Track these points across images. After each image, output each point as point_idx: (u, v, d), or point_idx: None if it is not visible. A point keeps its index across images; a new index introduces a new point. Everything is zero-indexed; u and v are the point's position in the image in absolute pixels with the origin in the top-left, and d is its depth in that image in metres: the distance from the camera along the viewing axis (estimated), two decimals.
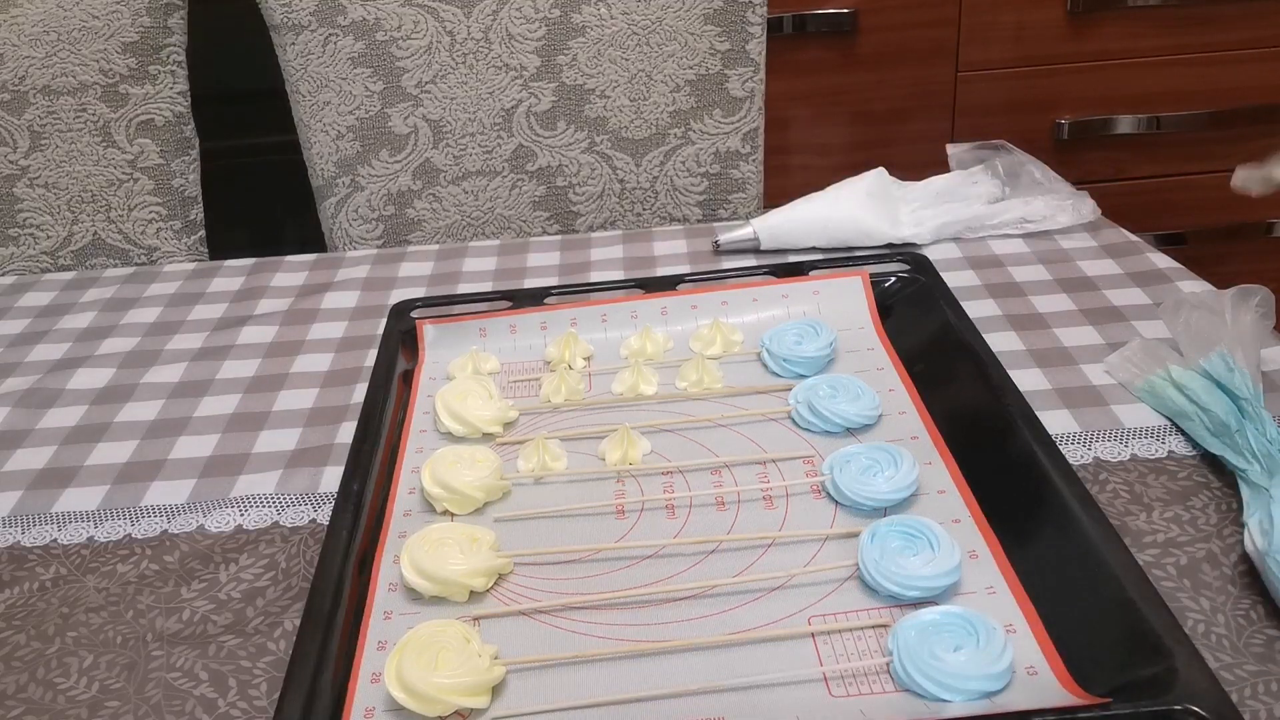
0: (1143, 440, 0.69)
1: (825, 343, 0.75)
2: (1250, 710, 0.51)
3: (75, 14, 1.14)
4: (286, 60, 1.19)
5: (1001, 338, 0.81)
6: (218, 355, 0.89)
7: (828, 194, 0.98)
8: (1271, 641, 0.54)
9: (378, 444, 0.70)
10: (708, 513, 0.63)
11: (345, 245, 1.24)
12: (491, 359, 0.79)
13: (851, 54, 1.63)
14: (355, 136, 1.19)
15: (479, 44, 1.17)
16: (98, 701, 0.57)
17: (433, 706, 0.51)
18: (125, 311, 0.98)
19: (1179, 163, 1.73)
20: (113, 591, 0.65)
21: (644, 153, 1.22)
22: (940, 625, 0.52)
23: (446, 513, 0.64)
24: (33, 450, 0.79)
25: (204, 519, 0.70)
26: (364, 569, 0.61)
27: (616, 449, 0.68)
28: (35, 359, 0.91)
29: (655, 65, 1.19)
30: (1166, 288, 0.86)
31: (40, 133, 1.16)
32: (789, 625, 0.55)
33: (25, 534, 0.70)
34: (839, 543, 0.60)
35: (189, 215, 1.21)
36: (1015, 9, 1.60)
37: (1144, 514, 0.63)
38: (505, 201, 1.23)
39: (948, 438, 0.66)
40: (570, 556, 0.61)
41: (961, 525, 0.59)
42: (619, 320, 0.81)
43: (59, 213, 1.18)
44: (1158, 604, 0.50)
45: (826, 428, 0.68)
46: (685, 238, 1.03)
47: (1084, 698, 0.48)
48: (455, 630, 0.54)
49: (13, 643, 0.62)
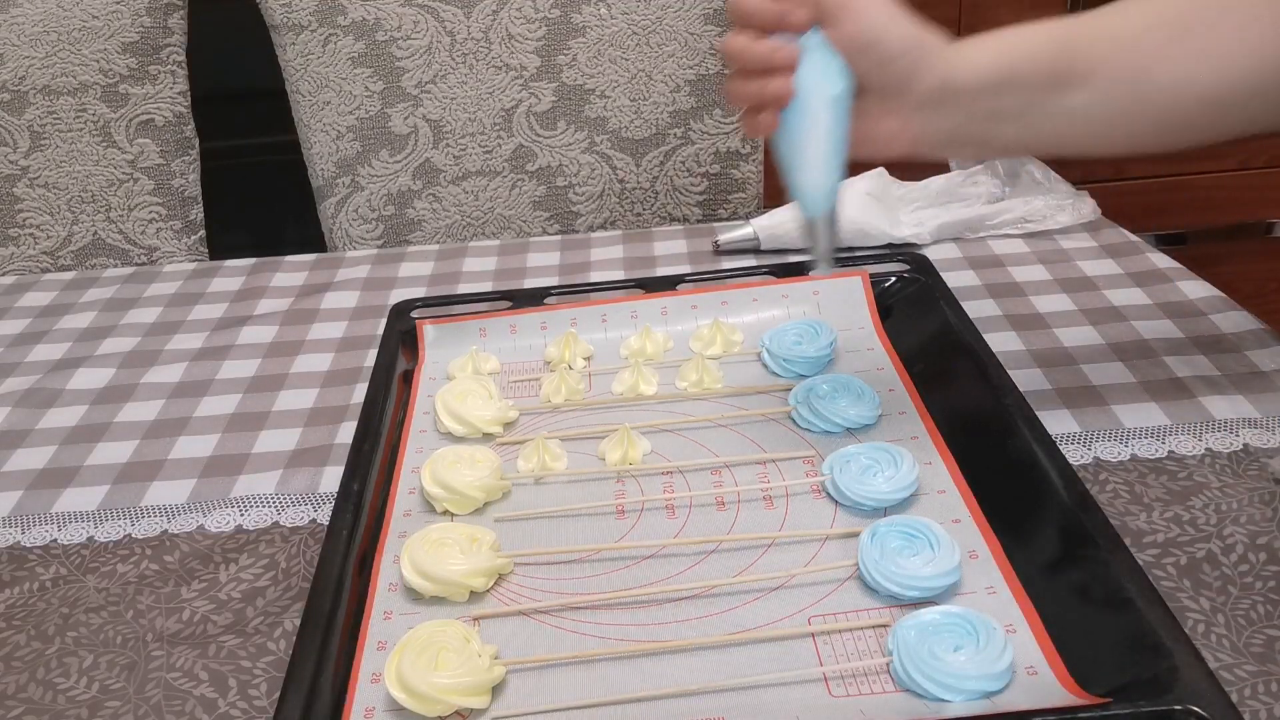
0: (1143, 440, 0.69)
1: (825, 343, 0.75)
2: (1250, 710, 0.51)
3: (75, 14, 1.14)
4: (286, 60, 1.19)
5: (1001, 338, 0.81)
6: (218, 355, 0.89)
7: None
8: (1271, 641, 0.54)
9: (378, 444, 0.70)
10: (708, 513, 0.63)
11: (345, 245, 1.24)
12: (491, 359, 0.79)
13: None
14: (355, 136, 1.19)
15: (479, 44, 1.17)
16: (98, 701, 0.57)
17: (433, 706, 0.51)
18: (125, 311, 0.98)
19: (1179, 163, 1.73)
20: (113, 591, 0.65)
21: (644, 153, 1.22)
22: (940, 625, 0.52)
23: (446, 513, 0.64)
24: (33, 450, 0.79)
25: (204, 519, 0.70)
26: (364, 569, 0.61)
27: (616, 449, 0.68)
28: (35, 359, 0.91)
29: (655, 65, 1.19)
30: (1166, 287, 0.86)
31: (40, 133, 1.16)
32: (789, 625, 0.55)
33: (25, 534, 0.70)
34: (839, 543, 0.60)
35: (189, 215, 1.21)
36: (1015, 9, 1.60)
37: (1144, 514, 0.63)
38: (505, 201, 1.23)
39: (948, 438, 0.66)
40: (570, 556, 0.61)
41: (961, 525, 0.59)
42: (619, 320, 0.81)
43: (59, 213, 1.18)
44: (1158, 604, 0.50)
45: (826, 428, 0.68)
46: (685, 238, 1.03)
47: (1084, 698, 0.48)
48: (455, 630, 0.54)
49: (13, 643, 0.62)
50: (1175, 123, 0.62)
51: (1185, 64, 0.60)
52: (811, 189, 0.61)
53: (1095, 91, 0.60)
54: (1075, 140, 0.63)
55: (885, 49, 0.58)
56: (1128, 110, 0.61)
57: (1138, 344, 0.79)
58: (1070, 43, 0.60)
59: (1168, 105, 0.61)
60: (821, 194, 0.61)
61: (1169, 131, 0.63)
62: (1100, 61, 0.60)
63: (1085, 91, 0.60)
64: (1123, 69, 0.60)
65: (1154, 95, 0.61)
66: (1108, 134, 0.63)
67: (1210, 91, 0.60)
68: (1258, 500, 0.63)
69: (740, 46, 0.59)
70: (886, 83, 0.59)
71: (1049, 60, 0.60)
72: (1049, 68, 0.60)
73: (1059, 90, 0.60)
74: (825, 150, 0.60)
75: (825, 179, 0.61)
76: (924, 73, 0.58)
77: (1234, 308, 0.83)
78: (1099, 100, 0.60)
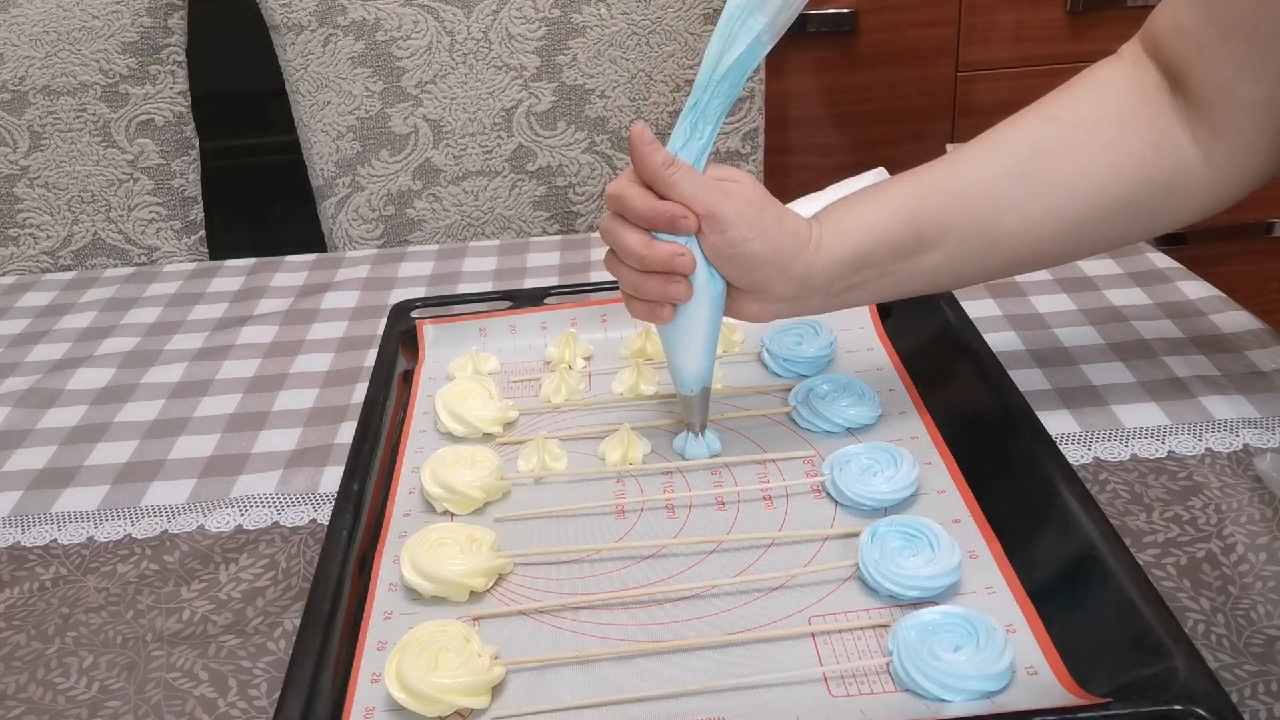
0: (1143, 440, 0.69)
1: (825, 343, 0.75)
2: (1250, 710, 0.51)
3: (75, 14, 1.14)
4: (286, 60, 1.19)
5: (1001, 338, 0.81)
6: (218, 355, 0.89)
7: (827, 194, 0.98)
8: (1271, 641, 0.54)
9: (378, 444, 0.70)
10: (708, 513, 0.63)
11: (345, 245, 1.24)
12: (491, 359, 0.79)
13: (851, 54, 1.63)
14: (355, 136, 1.20)
15: (479, 44, 1.17)
16: (98, 701, 0.57)
17: (433, 706, 0.51)
18: (125, 311, 0.98)
19: None
20: (113, 591, 0.65)
21: None
22: (940, 625, 0.52)
23: (446, 513, 0.64)
24: (33, 450, 0.79)
25: (204, 519, 0.70)
26: (364, 569, 0.61)
27: (616, 449, 0.68)
28: (35, 359, 0.91)
29: (655, 65, 1.19)
30: (1166, 287, 0.86)
31: (40, 133, 1.16)
32: (789, 625, 0.55)
33: (25, 534, 0.70)
34: (839, 543, 0.60)
35: (189, 215, 1.21)
36: (1015, 9, 1.59)
37: (1144, 514, 0.63)
38: (505, 201, 1.23)
39: (948, 438, 0.66)
40: (570, 556, 0.61)
41: (961, 525, 0.59)
42: (619, 320, 0.81)
43: (59, 213, 1.18)
44: (1158, 604, 0.50)
45: (827, 428, 0.68)
46: None
47: (1084, 698, 0.48)
48: (455, 630, 0.54)
49: (13, 643, 0.62)
50: (1024, 259, 0.66)
51: (1033, 204, 0.63)
52: (692, 371, 0.65)
53: (948, 249, 0.64)
54: (927, 288, 0.67)
55: (748, 260, 0.61)
56: (980, 258, 0.65)
57: (1138, 344, 0.79)
58: (918, 211, 0.63)
59: (1017, 247, 0.65)
60: (701, 374, 0.66)
61: (1018, 266, 0.67)
62: (950, 222, 0.63)
63: (937, 251, 0.64)
64: (972, 225, 0.63)
65: (1003, 240, 0.64)
66: (959, 280, 0.68)
67: (1059, 224, 0.64)
68: (1258, 500, 0.63)
69: (640, 248, 0.60)
70: (751, 283, 0.63)
71: (901, 234, 0.63)
72: (902, 240, 0.63)
73: (912, 255, 0.64)
74: (705, 338, 0.64)
75: (704, 361, 0.65)
76: (785, 274, 0.62)
77: (1234, 308, 0.83)
78: (951, 256, 0.64)
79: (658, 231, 0.60)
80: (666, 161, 0.59)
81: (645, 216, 0.60)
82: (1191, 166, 0.63)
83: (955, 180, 0.64)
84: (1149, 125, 0.63)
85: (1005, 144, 0.65)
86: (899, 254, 0.63)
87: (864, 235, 0.63)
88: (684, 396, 0.67)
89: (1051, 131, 0.64)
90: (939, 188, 0.64)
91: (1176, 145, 0.63)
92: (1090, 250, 0.69)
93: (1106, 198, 0.63)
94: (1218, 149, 0.62)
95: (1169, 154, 0.63)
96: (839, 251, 0.62)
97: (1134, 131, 0.63)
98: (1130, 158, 0.63)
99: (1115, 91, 0.65)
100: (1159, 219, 0.65)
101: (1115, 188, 0.63)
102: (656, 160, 0.59)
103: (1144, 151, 0.63)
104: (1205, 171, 0.63)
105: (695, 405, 0.67)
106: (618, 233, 0.61)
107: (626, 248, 0.61)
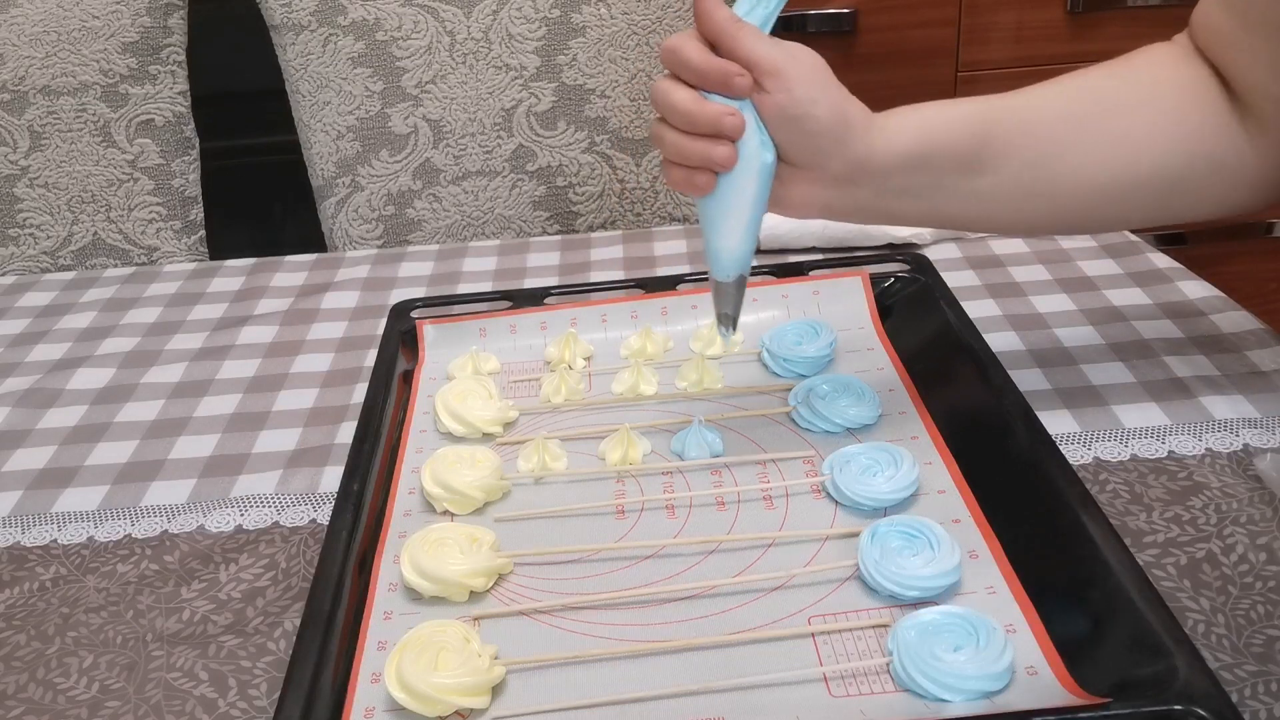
0: (1143, 440, 0.69)
1: (825, 343, 0.75)
2: (1250, 710, 0.51)
3: (75, 14, 1.14)
4: (286, 60, 1.19)
5: (1001, 338, 0.81)
6: (218, 355, 0.89)
7: None
8: (1271, 641, 0.54)
9: (378, 444, 0.70)
10: (708, 513, 0.63)
11: (345, 245, 1.24)
12: (491, 359, 0.79)
13: (851, 54, 1.63)
14: (355, 136, 1.20)
15: (479, 44, 1.17)
16: (98, 701, 0.57)
17: (433, 706, 0.51)
18: (125, 311, 0.98)
19: None
20: (113, 591, 0.65)
21: (644, 153, 1.22)
22: (940, 625, 0.52)
23: (446, 513, 0.64)
24: (33, 450, 0.79)
25: (204, 519, 0.70)
26: (364, 569, 0.61)
27: (616, 449, 0.68)
28: (35, 359, 0.91)
29: (655, 65, 1.19)
30: (1166, 287, 0.86)
31: (40, 133, 1.16)
32: (789, 625, 0.55)
33: (25, 534, 0.70)
34: (839, 543, 0.60)
35: (189, 215, 1.21)
36: (1015, 9, 1.60)
37: (1144, 514, 0.63)
38: (505, 201, 1.23)
39: (948, 438, 0.66)
40: (570, 556, 0.61)
41: (961, 525, 0.59)
42: (619, 320, 0.81)
43: (59, 213, 1.18)
44: (1158, 604, 0.50)
45: (827, 428, 0.68)
46: (685, 238, 1.03)
47: (1084, 698, 0.48)
48: (455, 630, 0.54)
49: (13, 643, 0.62)
50: (1072, 209, 0.65)
51: (1095, 152, 0.62)
52: (730, 254, 0.61)
53: (1003, 175, 0.62)
54: (972, 219, 0.64)
55: (811, 123, 0.58)
56: (1031, 194, 0.63)
57: (1138, 344, 0.79)
58: (987, 127, 0.62)
59: (1070, 193, 0.63)
60: (739, 259, 0.61)
61: (1062, 218, 0.66)
62: (1013, 147, 0.62)
63: (994, 175, 0.62)
64: (1035, 154, 0.62)
65: (1059, 181, 0.63)
66: (1004, 215, 0.65)
67: (1113, 181, 0.63)
68: (1258, 500, 0.63)
69: (688, 104, 0.57)
70: (807, 155, 0.59)
71: (965, 144, 0.61)
72: (964, 151, 0.61)
73: (970, 172, 0.62)
74: (749, 218, 0.60)
75: (745, 245, 0.61)
76: (844, 149, 0.59)
77: (1234, 308, 0.83)
78: (1005, 183, 0.62)
79: (710, 91, 0.57)
80: (731, 18, 0.57)
81: (699, 69, 0.57)
82: (1242, 151, 0.62)
83: (1025, 108, 0.63)
84: (1206, 102, 0.63)
85: (1074, 90, 0.63)
86: (958, 166, 0.61)
87: (929, 133, 0.61)
88: (717, 283, 0.62)
89: (1120, 88, 0.63)
90: (1009, 110, 0.62)
91: (1229, 128, 0.62)
92: (1137, 218, 0.67)
93: (1164, 163, 0.62)
94: (1262, 143, 0.62)
95: (1224, 134, 0.62)
96: (900, 143, 0.60)
97: (1194, 105, 0.63)
98: (1189, 129, 0.62)
99: (1174, 66, 0.64)
100: (1203, 200, 0.65)
101: (1174, 155, 0.62)
102: (721, 14, 0.56)
103: (1202, 127, 0.62)
104: (1253, 160, 0.63)
105: (729, 293, 0.62)
106: (668, 90, 0.58)
107: (674, 105, 0.57)
